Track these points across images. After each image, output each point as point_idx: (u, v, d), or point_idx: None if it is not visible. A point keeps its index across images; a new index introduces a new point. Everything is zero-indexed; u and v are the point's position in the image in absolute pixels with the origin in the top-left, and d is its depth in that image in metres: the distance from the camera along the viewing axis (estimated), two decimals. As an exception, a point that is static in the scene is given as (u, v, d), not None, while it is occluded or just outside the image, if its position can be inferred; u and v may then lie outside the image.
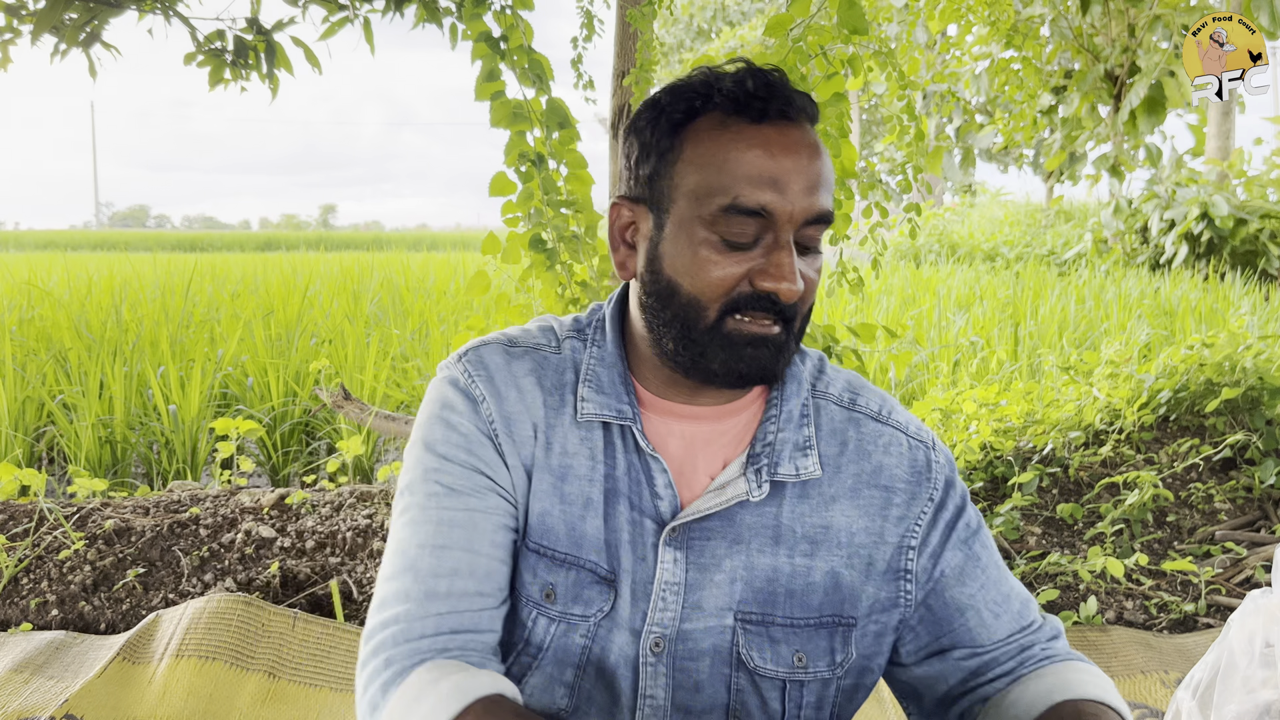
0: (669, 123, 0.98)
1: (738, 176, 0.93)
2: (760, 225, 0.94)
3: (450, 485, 1.00)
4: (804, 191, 0.94)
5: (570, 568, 1.01)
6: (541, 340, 1.08)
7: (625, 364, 1.05)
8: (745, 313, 0.95)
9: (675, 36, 34.85)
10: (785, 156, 0.94)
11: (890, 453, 1.06)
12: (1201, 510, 3.33)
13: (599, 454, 1.02)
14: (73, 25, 3.42)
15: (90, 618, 2.67)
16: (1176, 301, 8.21)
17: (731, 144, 0.94)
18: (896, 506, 1.05)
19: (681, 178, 0.97)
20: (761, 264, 0.94)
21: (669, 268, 0.97)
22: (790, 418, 1.04)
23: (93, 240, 33.64)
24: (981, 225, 18.63)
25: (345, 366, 5.69)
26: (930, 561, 1.05)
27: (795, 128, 0.96)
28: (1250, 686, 1.72)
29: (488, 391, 1.03)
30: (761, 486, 1.01)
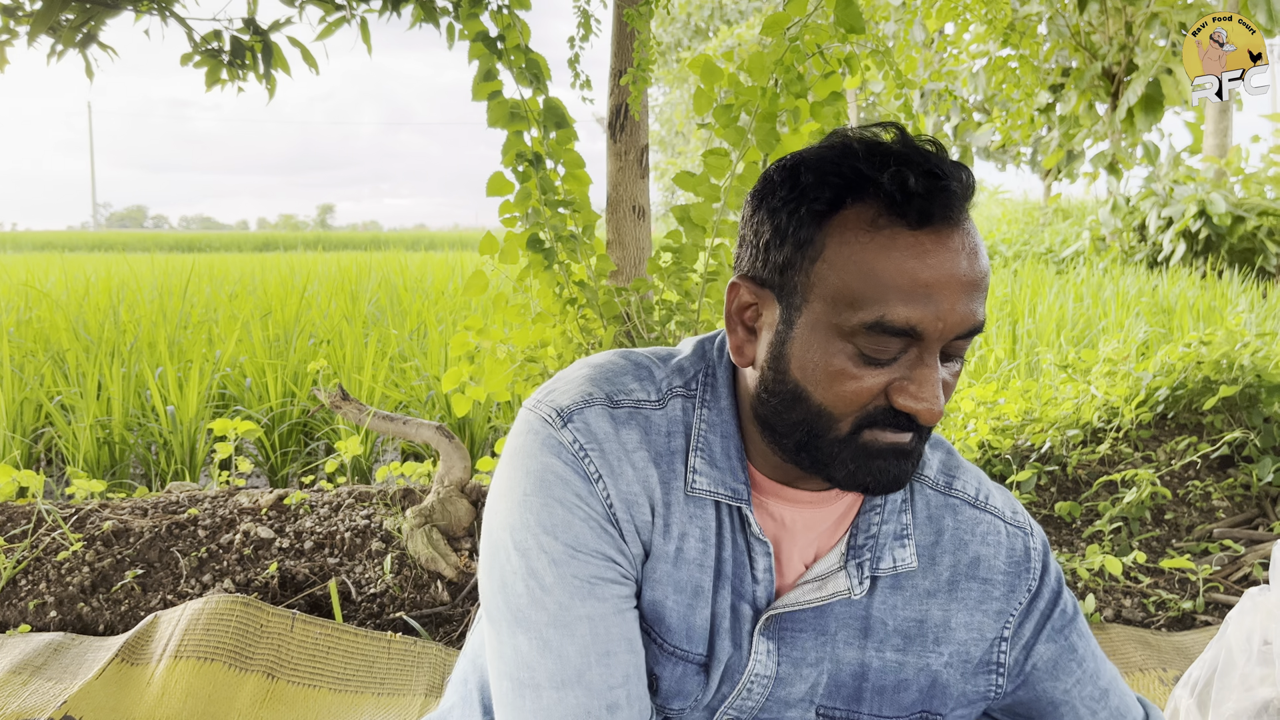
0: (810, 213, 0.85)
1: (888, 289, 0.81)
2: (906, 342, 0.83)
3: (588, 579, 0.89)
4: (960, 305, 0.83)
5: (678, 661, 0.95)
6: (642, 396, 0.95)
7: (741, 436, 0.95)
8: (880, 428, 0.86)
9: (673, 35, 34.85)
10: (944, 269, 0.82)
11: (988, 543, 1.00)
12: (1199, 508, 3.33)
13: (710, 535, 0.94)
14: (69, 26, 3.42)
15: (89, 619, 2.67)
16: (1174, 299, 8.21)
17: (883, 252, 0.82)
18: (995, 600, 0.99)
19: (820, 278, 0.85)
20: (901, 381, 0.84)
21: (797, 370, 0.86)
22: (894, 507, 0.98)
23: (90, 241, 33.62)
24: (979, 223, 18.64)
25: (343, 367, 5.69)
26: (1023, 654, 1.00)
27: (956, 232, 0.83)
28: (1248, 684, 1.72)
29: (603, 469, 0.91)
30: (863, 583, 0.95)
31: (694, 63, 2.78)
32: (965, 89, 14.62)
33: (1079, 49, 13.70)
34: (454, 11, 3.50)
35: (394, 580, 2.81)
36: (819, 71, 2.84)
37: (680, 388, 0.96)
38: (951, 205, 0.83)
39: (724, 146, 2.85)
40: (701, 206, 2.86)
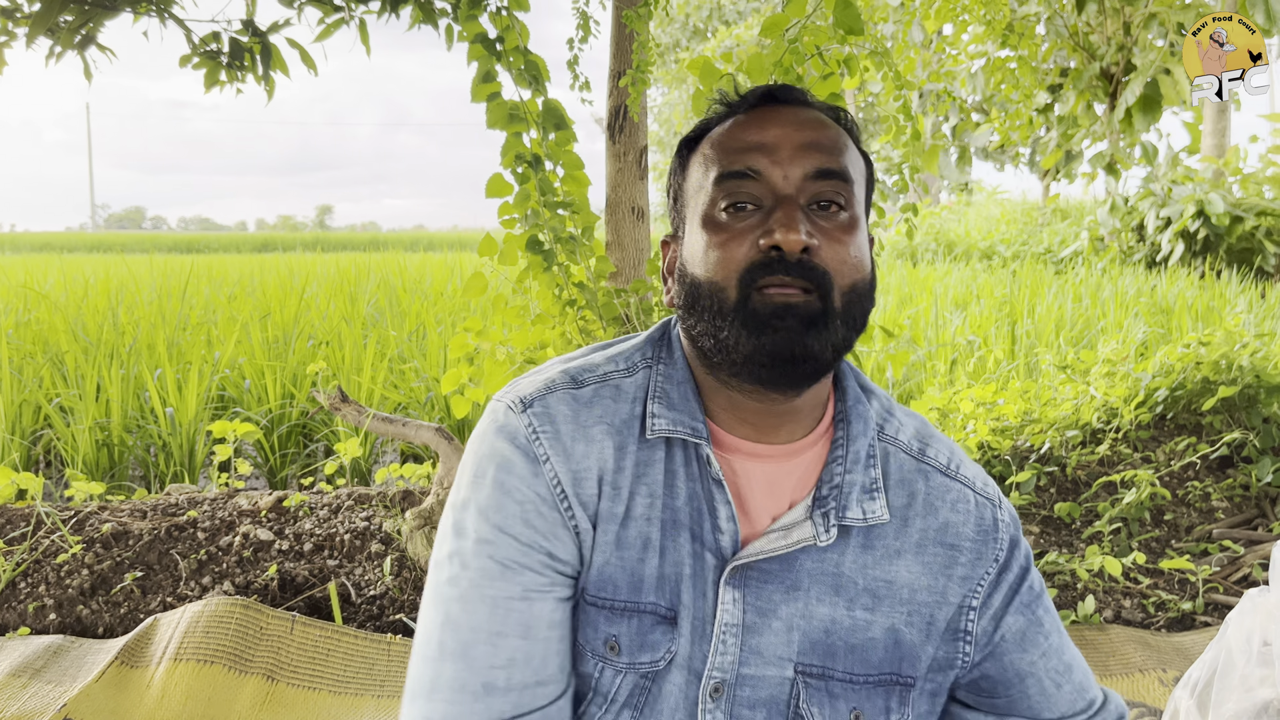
0: (682, 144, 1.02)
1: (727, 150, 0.95)
2: (758, 190, 0.92)
3: (504, 561, 0.93)
4: (797, 150, 0.93)
5: (631, 616, 0.97)
6: (610, 368, 1.03)
7: (694, 386, 1.01)
8: (764, 281, 0.90)
9: (671, 36, 34.85)
10: (773, 125, 0.94)
11: (958, 510, 1.02)
12: (1199, 508, 3.33)
13: (658, 487, 0.97)
14: (68, 28, 3.41)
15: (88, 621, 2.67)
16: (1173, 299, 8.21)
17: (721, 133, 0.97)
18: (961, 566, 1.01)
19: (689, 181, 0.99)
20: (766, 226, 0.91)
21: (690, 265, 0.96)
22: (857, 459, 1.00)
23: (89, 242, 33.61)
24: (978, 224, 18.64)
25: (343, 368, 5.69)
26: (992, 624, 1.02)
27: (790, 106, 0.97)
28: (1248, 685, 1.72)
29: (553, 450, 0.96)
30: (829, 530, 0.97)
31: (693, 64, 2.78)
32: (964, 89, 14.62)
33: (1077, 49, 13.71)
34: (453, 13, 3.50)
35: (394, 582, 2.80)
36: (818, 73, 2.84)
37: (647, 359, 1.04)
38: (782, 93, 0.98)
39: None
40: (701, 208, 2.86)
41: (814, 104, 0.99)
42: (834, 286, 0.91)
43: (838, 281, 0.91)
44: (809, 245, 0.89)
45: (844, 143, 0.97)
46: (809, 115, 0.97)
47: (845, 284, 0.92)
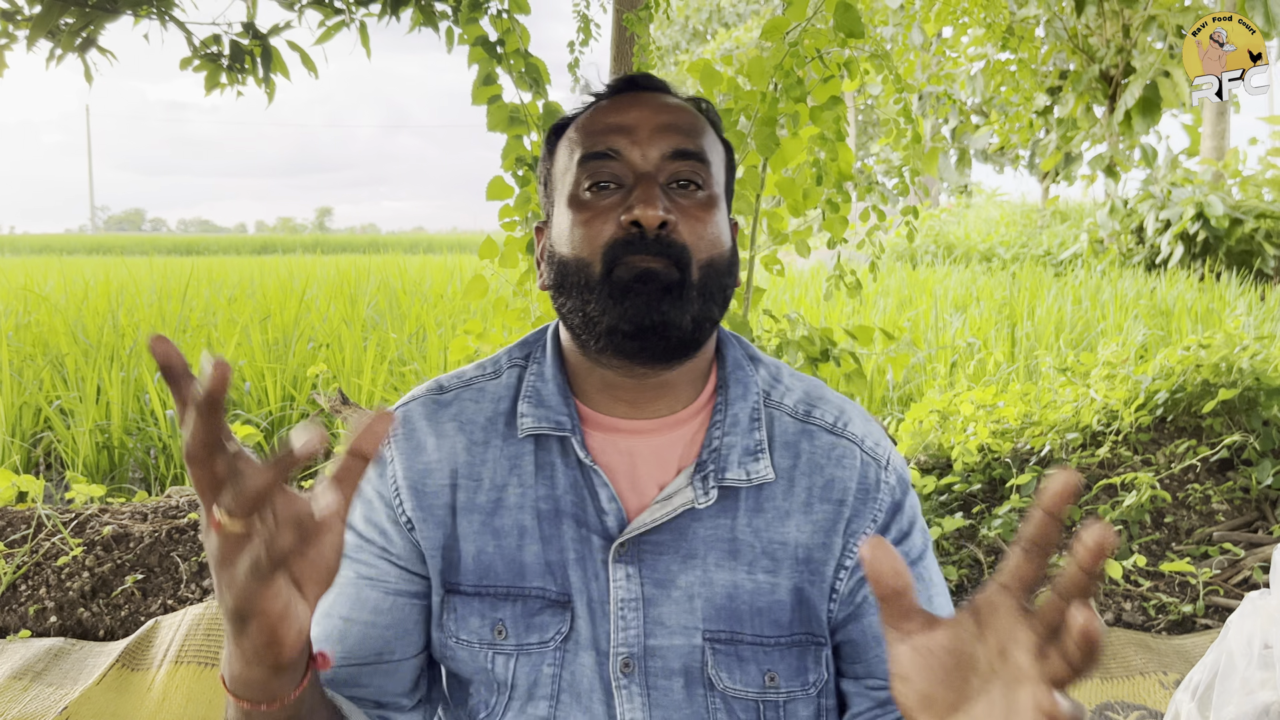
0: (550, 134, 1.07)
1: (588, 133, 0.99)
2: (619, 170, 0.96)
3: (346, 552, 1.00)
4: (656, 131, 0.97)
5: (515, 600, 1.00)
6: (476, 374, 1.08)
7: (565, 377, 1.04)
8: (626, 256, 0.93)
9: (671, 38, 34.88)
10: (633, 109, 0.99)
11: (843, 465, 1.02)
12: (1199, 511, 3.33)
13: (529, 478, 1.01)
14: (68, 30, 3.42)
15: (89, 624, 2.67)
16: (1173, 302, 8.22)
17: (584, 119, 1.01)
18: (844, 522, 1.01)
19: (556, 168, 1.03)
20: (625, 204, 0.95)
21: (557, 247, 0.99)
22: (737, 422, 1.01)
23: (88, 244, 33.61)
24: (978, 226, 18.65)
25: (343, 371, 5.69)
26: (858, 584, 1.01)
27: (650, 93, 1.02)
28: (1249, 688, 1.72)
29: (399, 450, 1.03)
30: (709, 493, 0.98)
31: (693, 67, 2.79)
32: (963, 92, 14.63)
33: (1076, 52, 13.72)
34: (453, 16, 3.50)
35: (394, 585, 2.80)
36: (818, 76, 2.84)
37: (520, 358, 1.08)
38: (640, 80, 1.02)
39: (724, 151, 2.85)
40: (701, 211, 2.86)
41: (674, 91, 1.04)
42: (692, 260, 0.95)
43: (695, 256, 0.95)
44: (666, 220, 0.93)
45: (702, 126, 1.01)
46: (669, 100, 1.01)
47: (703, 258, 0.96)
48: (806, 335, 3.03)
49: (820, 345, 3.03)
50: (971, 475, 3.56)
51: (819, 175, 2.88)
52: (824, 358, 3.02)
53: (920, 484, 3.31)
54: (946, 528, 2.98)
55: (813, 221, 3.28)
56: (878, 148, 11.80)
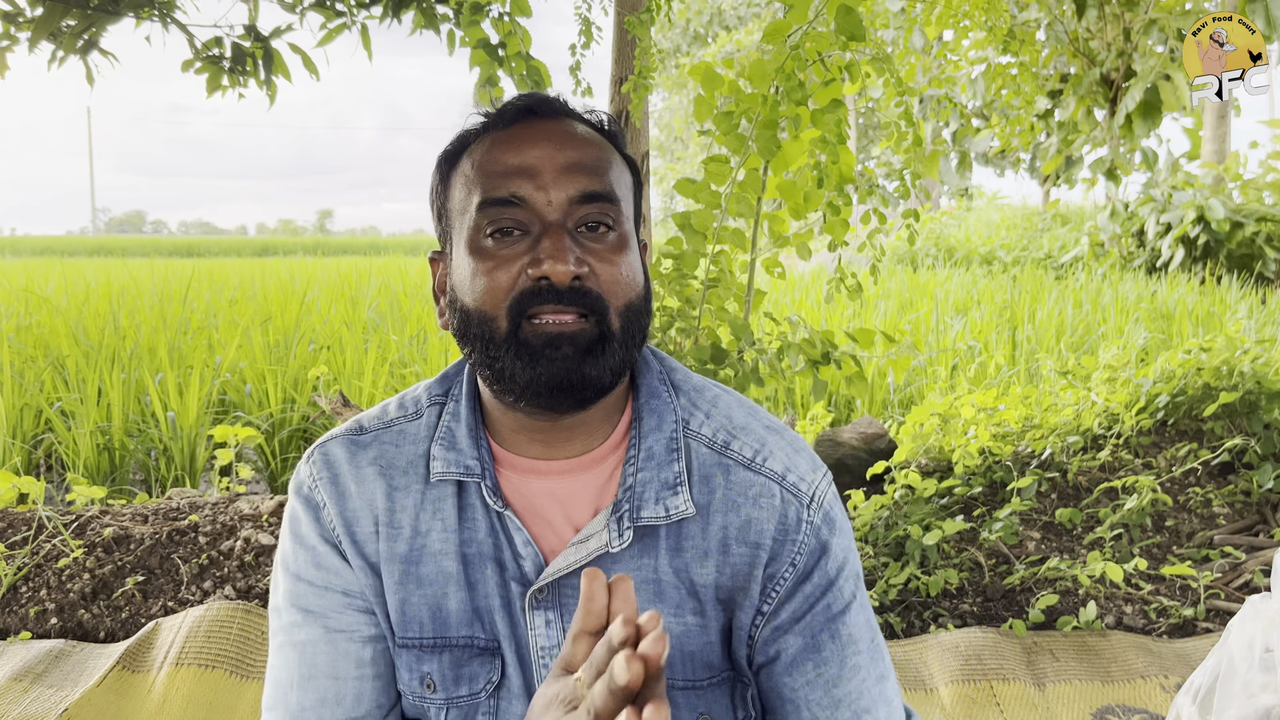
0: (441, 159, 0.98)
1: (488, 175, 0.91)
2: (523, 216, 0.90)
3: (307, 608, 0.97)
4: (561, 172, 0.90)
5: (441, 651, 0.97)
6: (397, 414, 1.03)
7: (479, 418, 0.99)
8: (536, 312, 0.88)
9: (672, 41, 34.90)
10: (533, 146, 0.91)
11: (760, 505, 0.95)
12: (1200, 515, 3.33)
13: (452, 522, 0.97)
14: (70, 32, 3.42)
15: (89, 626, 2.67)
16: (1173, 305, 8.22)
17: (481, 152, 0.93)
18: (762, 567, 0.95)
19: (452, 203, 0.95)
20: (534, 255, 0.88)
21: (459, 292, 0.93)
22: (652, 455, 0.96)
23: (90, 246, 33.63)
24: (978, 229, 18.65)
25: (344, 373, 5.69)
26: (772, 636, 0.95)
27: (550, 121, 0.94)
28: (1250, 691, 1.72)
29: (329, 495, 0.99)
30: (623, 535, 0.92)
31: (695, 70, 2.79)
32: (964, 95, 14.63)
33: (1077, 55, 13.73)
34: (455, 18, 3.51)
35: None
36: (819, 79, 2.84)
37: (439, 395, 1.03)
38: (536, 102, 0.94)
39: (724, 153, 2.85)
40: (702, 213, 2.86)
41: (573, 114, 0.97)
42: (609, 308, 0.90)
43: (613, 303, 0.90)
44: (579, 274, 0.88)
45: (607, 159, 0.95)
46: (570, 130, 0.94)
47: (620, 304, 0.91)
48: (807, 338, 3.03)
49: (821, 348, 3.03)
50: (972, 478, 3.56)
51: (820, 178, 2.88)
52: (825, 360, 3.02)
53: (921, 487, 3.31)
54: (947, 531, 2.97)
55: (813, 224, 3.28)
56: (879, 151, 11.80)
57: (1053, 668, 2.51)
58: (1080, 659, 2.54)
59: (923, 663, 2.54)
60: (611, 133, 0.99)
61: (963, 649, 2.55)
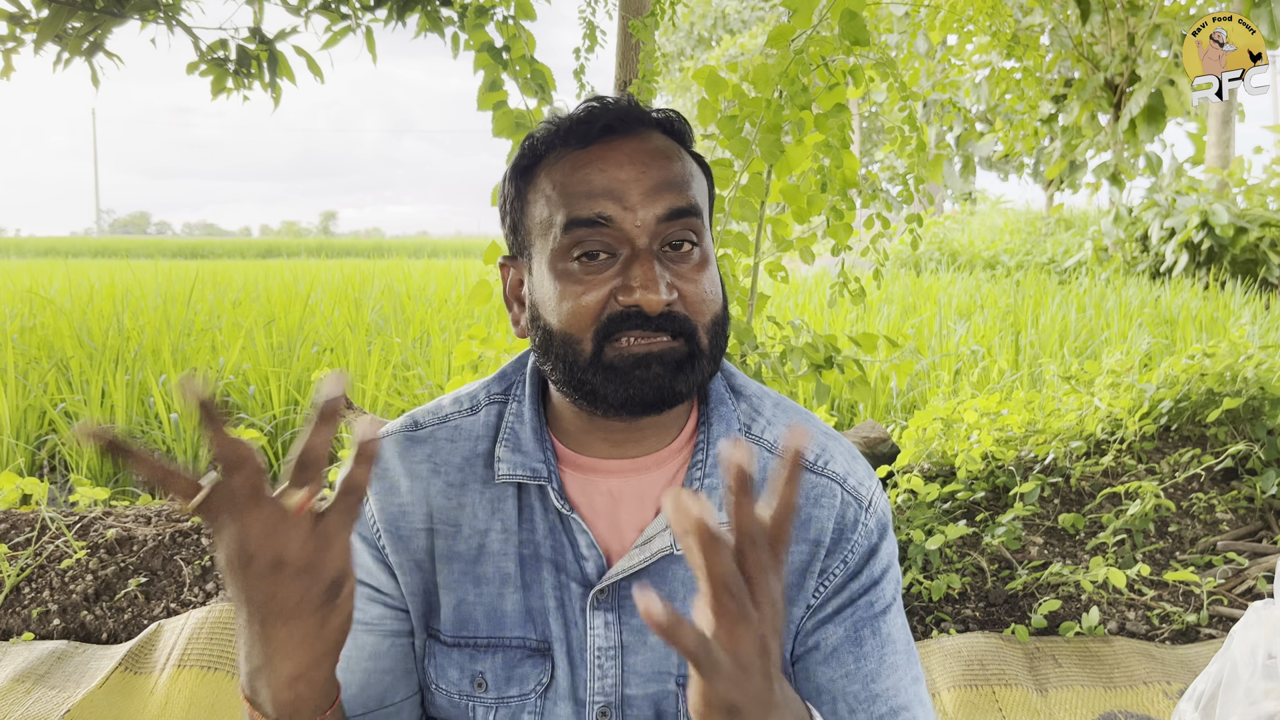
0: (516, 170, 0.97)
1: (571, 195, 0.90)
2: (610, 238, 0.89)
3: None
4: (647, 194, 0.90)
5: (495, 651, 0.97)
6: (453, 410, 1.03)
7: (543, 419, 1.00)
8: (624, 334, 0.89)
9: (676, 45, 34.93)
10: (617, 168, 0.90)
11: (821, 504, 0.98)
12: (1203, 520, 3.32)
13: (512, 523, 0.98)
14: (75, 34, 3.43)
15: (92, 627, 2.67)
16: (1177, 310, 8.21)
17: (563, 171, 0.92)
18: (819, 561, 0.97)
19: (532, 218, 0.94)
20: (623, 281, 0.88)
21: (543, 310, 0.93)
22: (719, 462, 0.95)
23: (94, 247, 33.68)
24: (982, 233, 18.64)
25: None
26: (815, 626, 0.97)
27: (629, 139, 0.93)
28: (1253, 698, 1.72)
29: (373, 491, 0.99)
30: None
31: (699, 74, 2.79)
32: (968, 100, 14.64)
33: (1081, 60, 13.73)
34: (459, 21, 3.52)
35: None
36: (823, 83, 2.84)
37: (499, 394, 1.04)
38: (613, 117, 0.92)
39: (728, 157, 2.85)
40: (706, 217, 2.86)
41: (647, 120, 0.95)
42: (697, 328, 0.91)
43: (699, 321, 0.91)
44: (669, 302, 0.89)
45: (688, 170, 0.94)
46: (652, 146, 0.93)
47: (706, 321, 0.92)
48: (810, 342, 3.03)
49: (824, 352, 3.03)
50: (975, 483, 3.55)
51: (823, 182, 2.88)
52: (828, 364, 3.02)
53: (923, 492, 3.31)
54: (949, 535, 2.97)
55: (817, 228, 3.29)
56: (882, 155, 11.80)
57: (1055, 673, 2.50)
58: (1083, 665, 2.54)
59: (925, 668, 2.53)
60: (681, 132, 0.98)
61: (965, 654, 2.55)
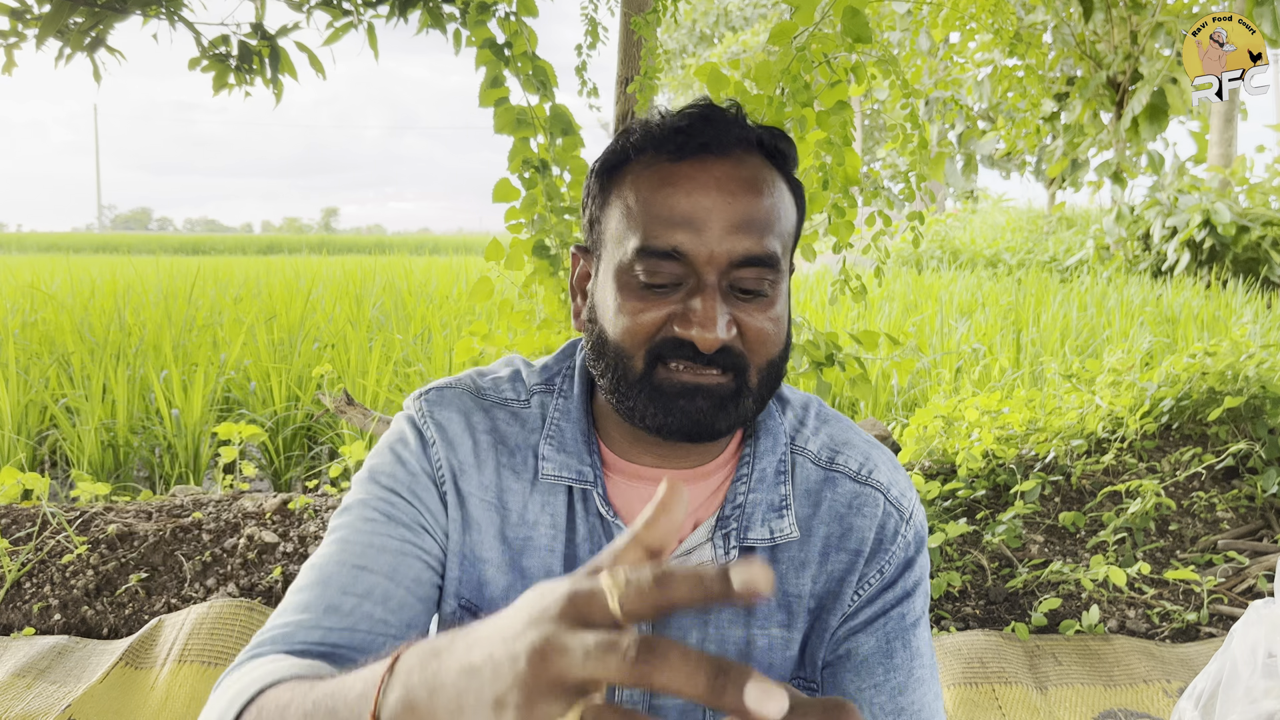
0: (605, 167, 0.94)
1: (652, 216, 0.87)
2: (680, 269, 0.87)
3: (389, 514, 0.95)
4: (727, 231, 0.86)
5: None
6: (510, 394, 1.01)
7: (590, 420, 0.99)
8: (674, 360, 0.87)
9: (678, 42, 34.89)
10: (703, 194, 0.86)
11: (864, 514, 0.98)
12: (1204, 519, 3.32)
13: (561, 522, 0.96)
14: (77, 30, 3.43)
15: (93, 622, 2.67)
16: (1179, 309, 8.20)
17: (648, 184, 0.89)
18: (857, 570, 0.97)
19: (609, 221, 0.93)
20: (683, 311, 0.87)
21: (601, 315, 0.92)
22: (764, 477, 0.97)
23: (95, 243, 33.68)
24: (983, 231, 18.62)
25: (348, 371, 5.70)
26: (846, 634, 0.97)
27: (723, 162, 0.88)
28: (1253, 696, 1.72)
29: (439, 436, 0.97)
30: (729, 553, 0.94)
31: (700, 71, 2.79)
32: (970, 97, 14.63)
33: (1084, 58, 13.71)
34: (461, 18, 3.51)
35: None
36: (825, 80, 2.84)
37: (541, 385, 1.02)
38: (711, 135, 0.88)
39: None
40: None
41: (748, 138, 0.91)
42: (750, 366, 0.89)
43: (754, 361, 0.90)
44: (726, 342, 0.87)
45: (775, 210, 0.90)
46: (743, 175, 0.89)
47: (762, 362, 0.90)
48: (812, 339, 3.03)
49: (825, 350, 3.03)
50: (976, 481, 3.55)
51: (825, 180, 2.88)
52: (829, 362, 3.02)
53: (924, 489, 3.31)
54: (950, 533, 2.97)
55: (818, 226, 3.28)
56: (884, 153, 11.80)
57: (1055, 671, 2.50)
58: (1083, 663, 2.54)
59: (925, 665, 2.54)
60: (781, 153, 0.94)
61: (965, 652, 2.55)
